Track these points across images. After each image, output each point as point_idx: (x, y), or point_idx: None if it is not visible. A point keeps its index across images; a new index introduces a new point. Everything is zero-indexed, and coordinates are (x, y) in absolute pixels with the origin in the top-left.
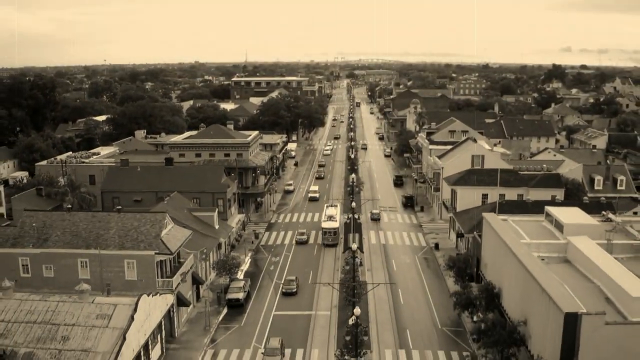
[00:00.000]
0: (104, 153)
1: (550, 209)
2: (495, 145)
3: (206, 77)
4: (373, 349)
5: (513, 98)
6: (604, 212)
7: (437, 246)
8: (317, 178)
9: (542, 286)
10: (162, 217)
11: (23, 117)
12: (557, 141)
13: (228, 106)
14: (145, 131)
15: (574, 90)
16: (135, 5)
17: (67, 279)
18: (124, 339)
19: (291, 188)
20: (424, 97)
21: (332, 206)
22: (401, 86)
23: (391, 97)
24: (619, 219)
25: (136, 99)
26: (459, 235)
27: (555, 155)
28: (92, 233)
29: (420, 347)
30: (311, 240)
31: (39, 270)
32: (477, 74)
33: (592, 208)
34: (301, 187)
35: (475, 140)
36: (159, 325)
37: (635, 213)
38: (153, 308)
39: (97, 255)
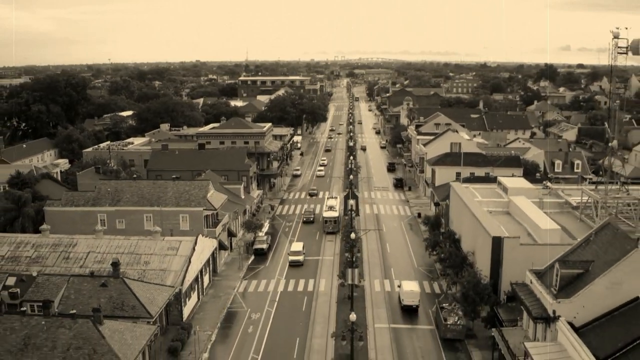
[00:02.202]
0: (137, 142)
1: (500, 178)
2: (474, 136)
3: (211, 77)
4: (365, 279)
5: (501, 96)
6: (543, 182)
7: (419, 215)
8: (304, 222)
9: (482, 224)
10: (207, 184)
11: (59, 112)
12: (532, 134)
13: (237, 103)
14: (169, 124)
15: (561, 89)
16: (134, 5)
17: (135, 230)
18: (189, 262)
19: (298, 173)
20: (417, 95)
21: (332, 197)
22: (397, 85)
23: (387, 95)
24: (553, 186)
25: (152, 97)
26: (436, 204)
27: (523, 143)
28: (154, 195)
29: (400, 279)
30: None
31: (113, 224)
32: (474, 73)
33: (541, 182)
34: (307, 173)
35: (456, 131)
36: (208, 261)
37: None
38: (205, 246)
39: (159, 212)
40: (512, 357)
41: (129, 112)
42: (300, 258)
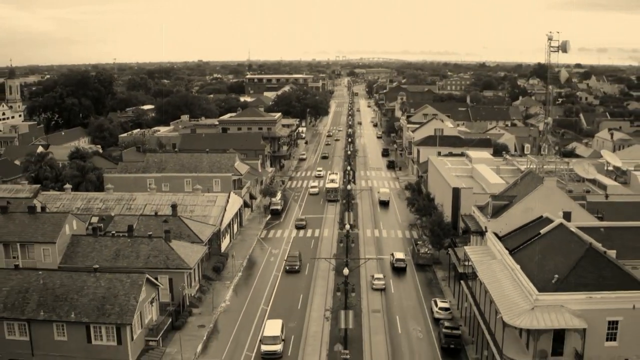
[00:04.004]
0: (163, 130)
1: (468, 151)
2: (459, 125)
3: (216, 75)
4: (360, 228)
5: (491, 93)
6: (504, 155)
7: (406, 187)
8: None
9: (447, 180)
10: (234, 156)
11: (89, 105)
12: (513, 124)
13: (246, 99)
14: (188, 116)
15: (551, 86)
16: (134, 5)
17: (177, 191)
18: (225, 210)
19: (304, 157)
20: (412, 92)
21: (334, 173)
22: (395, 83)
23: (384, 91)
24: (510, 158)
25: (167, 93)
26: (419, 177)
27: (499, 130)
28: (192, 164)
29: (387, 229)
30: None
31: (160, 186)
32: (471, 72)
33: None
34: (311, 157)
35: (442, 120)
36: (236, 214)
37: None
38: (235, 201)
39: (196, 177)
40: (458, 261)
41: (149, 106)
42: (278, 348)
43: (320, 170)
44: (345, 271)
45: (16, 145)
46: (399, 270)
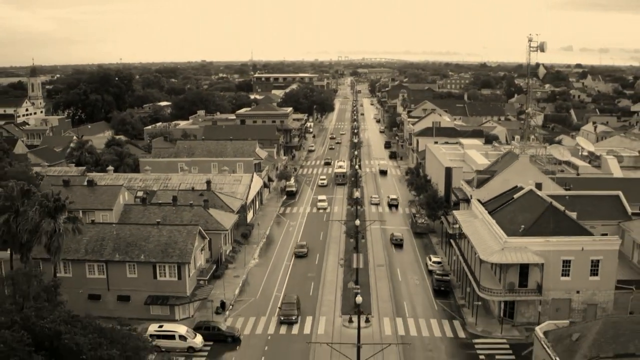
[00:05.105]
0: (182, 124)
1: (461, 139)
2: (455, 119)
3: (221, 75)
4: (365, 206)
5: (489, 91)
6: (493, 143)
7: (407, 173)
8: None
9: (440, 162)
10: (255, 143)
11: (111, 101)
12: (507, 119)
13: (256, 96)
14: (204, 111)
15: (547, 85)
16: (134, 5)
17: (206, 173)
18: (249, 188)
19: (313, 148)
20: (413, 90)
21: (341, 161)
22: (397, 82)
23: (386, 89)
24: (498, 145)
25: (180, 91)
26: (418, 163)
27: (492, 123)
28: (218, 150)
29: (390, 206)
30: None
31: (189, 169)
32: (472, 72)
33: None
34: (319, 149)
35: (440, 115)
36: (258, 193)
37: None
38: (257, 181)
39: (222, 161)
40: (449, 225)
41: (165, 103)
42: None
43: (324, 179)
44: (357, 222)
45: (50, 135)
46: (391, 207)
